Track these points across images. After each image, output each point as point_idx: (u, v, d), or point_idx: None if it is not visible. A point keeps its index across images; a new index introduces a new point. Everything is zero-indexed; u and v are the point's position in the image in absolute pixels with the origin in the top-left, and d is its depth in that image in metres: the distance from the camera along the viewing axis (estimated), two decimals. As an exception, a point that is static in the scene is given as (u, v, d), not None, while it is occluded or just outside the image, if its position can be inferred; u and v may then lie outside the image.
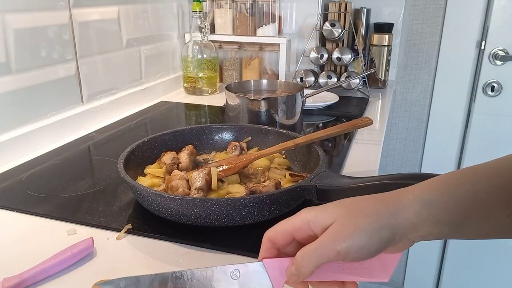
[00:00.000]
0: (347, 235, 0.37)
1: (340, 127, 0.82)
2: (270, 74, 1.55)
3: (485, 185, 0.38)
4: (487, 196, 0.38)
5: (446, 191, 0.38)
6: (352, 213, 0.38)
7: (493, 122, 1.61)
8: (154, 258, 0.57)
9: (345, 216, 0.38)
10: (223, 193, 0.70)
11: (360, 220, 0.37)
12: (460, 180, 0.39)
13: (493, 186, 0.38)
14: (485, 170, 0.40)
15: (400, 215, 0.38)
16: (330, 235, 0.37)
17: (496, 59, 1.54)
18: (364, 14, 1.49)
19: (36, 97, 0.94)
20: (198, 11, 1.38)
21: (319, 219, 0.38)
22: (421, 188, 0.39)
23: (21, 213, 0.67)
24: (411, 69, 1.67)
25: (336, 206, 0.39)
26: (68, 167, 0.85)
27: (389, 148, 1.79)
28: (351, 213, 0.38)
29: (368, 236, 0.37)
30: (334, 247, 0.37)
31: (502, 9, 1.49)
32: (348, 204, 0.39)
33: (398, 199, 0.39)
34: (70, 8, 1.01)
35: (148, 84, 1.35)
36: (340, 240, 0.37)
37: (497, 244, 1.73)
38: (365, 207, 0.38)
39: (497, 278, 1.78)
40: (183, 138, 0.86)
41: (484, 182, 0.38)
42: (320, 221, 0.38)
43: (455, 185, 0.39)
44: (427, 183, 0.40)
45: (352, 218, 0.37)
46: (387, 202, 0.39)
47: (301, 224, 0.39)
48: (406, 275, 1.91)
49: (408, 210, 0.38)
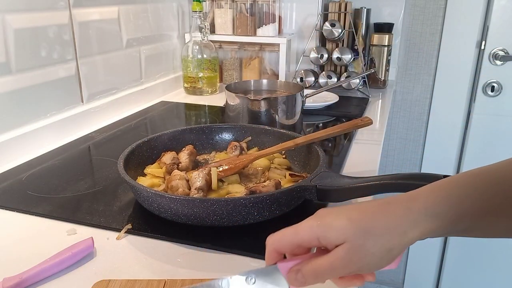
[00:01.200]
0: (358, 260, 0.37)
1: (340, 127, 0.82)
2: (270, 74, 1.55)
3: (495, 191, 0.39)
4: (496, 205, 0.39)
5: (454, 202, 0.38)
6: (362, 235, 0.37)
7: (493, 122, 1.61)
8: (154, 258, 0.57)
9: (355, 238, 0.37)
10: (223, 193, 0.70)
11: (371, 244, 0.37)
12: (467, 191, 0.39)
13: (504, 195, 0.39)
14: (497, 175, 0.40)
15: (411, 232, 0.38)
16: (341, 258, 0.37)
17: (496, 59, 1.54)
18: (364, 14, 1.49)
19: (36, 97, 0.94)
20: (198, 11, 1.38)
21: (329, 238, 0.38)
22: (432, 198, 0.39)
23: (21, 213, 0.67)
24: (411, 69, 1.67)
25: (345, 223, 0.38)
26: (68, 167, 0.85)
27: (389, 148, 1.79)
28: (361, 234, 0.37)
29: (379, 257, 0.38)
30: (345, 270, 0.38)
31: (502, 9, 1.49)
32: (357, 220, 0.38)
33: (409, 211, 0.38)
34: (70, 8, 1.01)
35: (148, 84, 1.35)
36: (351, 264, 0.37)
37: (497, 244, 1.73)
38: (375, 226, 0.38)
39: (497, 278, 1.78)
40: (183, 138, 0.86)
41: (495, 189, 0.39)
42: (330, 239, 0.38)
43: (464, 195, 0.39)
44: (438, 190, 0.39)
45: (362, 241, 0.37)
46: (396, 216, 0.38)
47: (310, 239, 0.39)
48: (406, 275, 1.91)
49: (419, 225, 0.38)
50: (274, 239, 0.41)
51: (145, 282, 0.50)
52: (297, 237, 0.39)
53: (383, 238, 0.37)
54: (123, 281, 0.50)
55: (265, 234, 0.42)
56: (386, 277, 1.97)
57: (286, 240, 0.40)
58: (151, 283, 0.50)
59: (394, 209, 0.39)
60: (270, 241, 0.41)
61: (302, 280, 0.39)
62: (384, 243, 0.37)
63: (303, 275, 0.39)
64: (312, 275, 0.39)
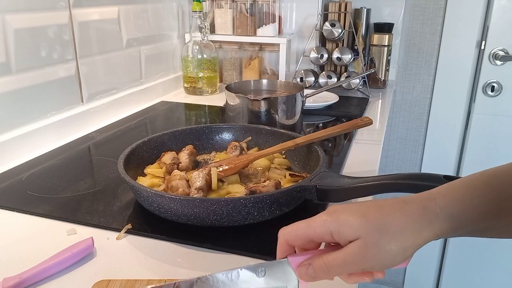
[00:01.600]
0: (371, 256, 0.37)
1: (340, 127, 0.82)
2: (270, 74, 1.55)
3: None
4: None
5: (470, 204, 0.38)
6: (377, 232, 0.37)
7: (493, 122, 1.61)
8: (154, 258, 0.57)
9: (370, 235, 0.37)
10: (223, 193, 0.70)
11: (385, 241, 0.37)
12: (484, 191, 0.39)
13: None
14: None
15: (426, 231, 0.38)
16: (354, 254, 0.37)
17: (496, 59, 1.54)
18: (364, 14, 1.49)
19: (36, 97, 0.94)
20: (198, 11, 1.38)
21: (343, 233, 0.38)
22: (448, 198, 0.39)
23: (21, 213, 0.67)
24: (411, 69, 1.67)
25: (360, 220, 0.37)
26: (68, 167, 0.85)
27: (389, 148, 1.79)
28: (376, 231, 0.37)
29: (393, 255, 0.37)
30: (357, 266, 0.38)
31: (502, 9, 1.49)
32: (372, 217, 0.38)
33: (425, 211, 0.38)
34: (70, 8, 1.01)
35: (148, 84, 1.35)
36: (364, 261, 0.37)
37: (497, 245, 1.73)
38: (391, 224, 0.37)
39: (497, 278, 1.78)
40: (183, 138, 0.86)
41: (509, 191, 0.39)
42: (344, 235, 0.38)
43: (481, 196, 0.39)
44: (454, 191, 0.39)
45: (377, 238, 0.37)
46: (413, 215, 0.38)
47: (323, 233, 0.38)
48: (406, 275, 1.92)
49: (434, 225, 0.38)
50: (287, 231, 0.40)
51: (145, 282, 0.50)
52: (310, 231, 0.39)
53: (398, 236, 0.37)
54: (123, 281, 0.50)
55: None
56: (386, 277, 1.97)
57: (299, 232, 0.40)
58: (151, 283, 0.50)
59: (410, 208, 0.38)
60: (282, 232, 0.41)
61: (312, 274, 0.39)
62: (399, 241, 0.37)
63: (314, 270, 0.39)
64: (323, 270, 0.38)
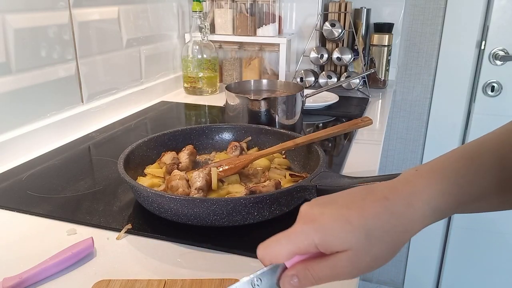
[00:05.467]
0: (363, 266, 0.36)
1: (340, 127, 0.82)
2: (270, 74, 1.55)
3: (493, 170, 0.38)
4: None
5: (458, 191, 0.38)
6: (365, 239, 0.36)
7: (493, 122, 1.61)
8: (154, 258, 0.57)
9: (359, 244, 0.35)
10: (223, 193, 0.70)
11: (375, 246, 0.36)
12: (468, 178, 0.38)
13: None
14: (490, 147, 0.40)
15: (415, 227, 0.37)
16: (345, 266, 0.36)
17: (496, 59, 1.54)
18: (364, 14, 1.49)
19: (36, 97, 0.94)
20: (198, 11, 1.38)
21: (330, 246, 0.36)
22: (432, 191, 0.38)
23: (21, 213, 0.67)
24: (411, 69, 1.67)
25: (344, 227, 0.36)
26: (68, 167, 0.85)
27: (389, 148, 1.79)
28: (364, 238, 0.36)
29: (383, 258, 0.37)
30: (348, 276, 0.37)
31: (502, 9, 1.49)
32: (357, 224, 0.36)
33: (412, 209, 0.37)
34: (70, 8, 1.01)
35: (148, 84, 1.35)
36: (355, 271, 0.36)
37: (497, 244, 1.73)
38: (377, 226, 0.36)
39: (497, 278, 1.78)
40: (183, 138, 0.86)
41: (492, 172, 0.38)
42: (331, 247, 0.36)
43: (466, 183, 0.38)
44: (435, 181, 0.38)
45: (367, 246, 0.36)
46: (398, 213, 0.37)
47: (307, 247, 0.36)
48: (406, 275, 1.92)
49: (422, 220, 0.37)
50: (266, 252, 0.38)
51: (145, 282, 0.50)
52: (293, 248, 0.36)
53: (387, 239, 0.36)
54: (123, 281, 0.50)
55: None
56: (386, 277, 1.97)
57: (283, 252, 0.37)
58: (151, 283, 0.50)
59: (393, 206, 0.37)
60: (263, 253, 0.38)
61: (297, 285, 0.37)
62: (387, 241, 0.36)
63: (299, 281, 0.37)
64: (310, 281, 0.37)
